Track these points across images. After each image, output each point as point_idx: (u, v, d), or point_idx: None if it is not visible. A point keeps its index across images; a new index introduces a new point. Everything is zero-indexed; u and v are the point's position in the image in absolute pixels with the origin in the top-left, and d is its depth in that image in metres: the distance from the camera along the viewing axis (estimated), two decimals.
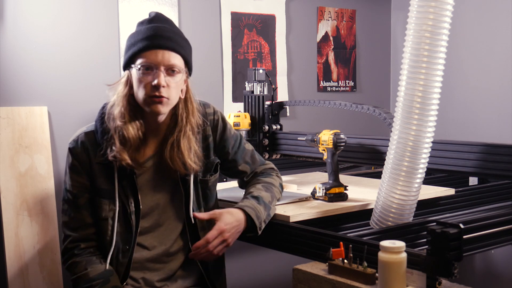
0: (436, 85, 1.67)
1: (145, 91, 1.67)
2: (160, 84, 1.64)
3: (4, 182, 2.33)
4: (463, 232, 1.38)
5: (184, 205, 1.80)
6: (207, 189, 1.86)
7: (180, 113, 1.75)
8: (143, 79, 1.67)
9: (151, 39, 1.67)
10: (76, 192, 1.74)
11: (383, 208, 1.79)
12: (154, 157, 1.77)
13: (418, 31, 1.65)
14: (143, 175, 1.76)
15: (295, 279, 1.55)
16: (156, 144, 1.78)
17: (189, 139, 1.74)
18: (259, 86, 2.62)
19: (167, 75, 1.67)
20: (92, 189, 1.75)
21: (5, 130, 2.35)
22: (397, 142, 1.73)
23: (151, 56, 1.66)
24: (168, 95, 1.67)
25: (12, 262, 2.33)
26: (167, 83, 1.66)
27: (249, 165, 1.94)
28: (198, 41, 2.90)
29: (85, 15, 2.57)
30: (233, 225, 1.71)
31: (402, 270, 1.35)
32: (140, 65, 1.66)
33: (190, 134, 1.75)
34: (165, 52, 1.67)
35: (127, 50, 1.71)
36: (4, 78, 2.38)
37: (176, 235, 1.81)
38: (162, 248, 1.79)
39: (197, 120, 1.78)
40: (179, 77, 1.70)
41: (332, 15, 3.44)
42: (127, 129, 1.68)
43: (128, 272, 1.74)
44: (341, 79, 3.50)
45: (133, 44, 1.69)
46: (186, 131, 1.74)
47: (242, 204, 1.77)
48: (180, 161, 1.73)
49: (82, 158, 1.74)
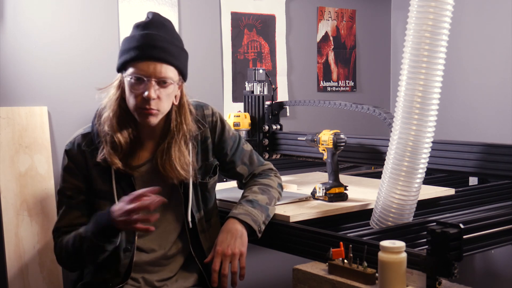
0: (436, 85, 1.67)
1: (135, 102, 1.65)
2: (151, 97, 1.61)
3: (4, 182, 2.33)
4: (463, 232, 1.39)
5: (184, 208, 1.79)
6: (206, 192, 1.85)
7: (173, 119, 1.72)
8: (133, 89, 1.64)
9: (143, 49, 1.62)
10: (69, 194, 1.73)
11: (383, 208, 1.79)
12: (151, 160, 1.75)
13: (418, 31, 1.65)
14: (141, 177, 1.75)
15: (295, 279, 1.55)
16: (153, 146, 1.76)
17: (180, 147, 1.72)
18: (259, 86, 2.62)
19: (158, 87, 1.64)
20: (90, 191, 1.74)
21: (5, 130, 2.34)
22: (397, 142, 1.73)
23: (143, 67, 1.62)
24: (159, 107, 1.65)
25: (12, 262, 2.33)
26: (158, 95, 1.63)
27: (247, 167, 1.93)
28: (198, 41, 2.90)
29: (85, 15, 2.57)
30: (229, 238, 1.70)
31: (402, 270, 1.35)
32: (131, 74, 1.64)
33: (182, 142, 1.73)
34: (157, 64, 1.62)
35: (120, 55, 1.68)
36: (4, 78, 2.38)
37: (175, 238, 1.80)
38: (161, 252, 1.78)
39: (190, 127, 1.75)
40: (171, 88, 1.67)
41: (332, 15, 3.44)
42: (116, 134, 1.67)
43: (129, 273, 1.74)
44: (341, 79, 3.50)
45: (126, 51, 1.65)
46: (177, 140, 1.72)
47: (235, 213, 1.75)
48: (171, 169, 1.71)
49: (78, 160, 1.72)
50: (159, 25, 1.68)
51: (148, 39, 1.63)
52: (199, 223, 1.80)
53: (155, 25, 1.67)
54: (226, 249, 1.68)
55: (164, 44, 1.64)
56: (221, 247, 1.68)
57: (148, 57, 1.62)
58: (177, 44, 1.70)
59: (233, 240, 1.69)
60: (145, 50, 1.62)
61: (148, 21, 1.68)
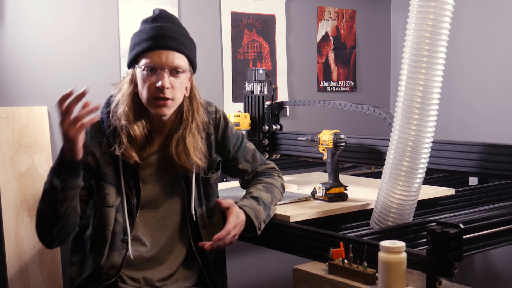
0: (436, 85, 1.67)
1: (149, 92, 1.67)
2: (165, 86, 1.65)
3: (4, 182, 2.33)
4: (463, 232, 1.39)
5: (186, 202, 1.80)
6: (208, 187, 1.86)
7: (186, 110, 1.76)
8: (147, 80, 1.67)
9: (155, 39, 1.67)
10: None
11: (383, 208, 1.79)
12: (157, 153, 1.77)
13: (418, 31, 1.65)
14: (146, 169, 1.76)
15: (295, 279, 1.55)
16: (161, 141, 1.78)
17: (194, 136, 1.75)
18: (259, 86, 2.62)
19: (171, 76, 1.67)
20: (97, 173, 1.72)
21: (5, 130, 2.35)
22: (397, 142, 1.73)
23: (155, 57, 1.66)
24: (173, 96, 1.68)
25: (12, 262, 2.33)
26: (172, 84, 1.67)
27: (250, 164, 1.94)
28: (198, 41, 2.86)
29: (85, 15, 2.57)
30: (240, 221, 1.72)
31: (402, 270, 1.35)
32: (144, 65, 1.67)
33: (196, 132, 1.76)
34: (169, 53, 1.67)
35: (131, 49, 1.72)
36: (4, 78, 2.38)
37: (176, 232, 1.81)
38: (161, 246, 1.78)
39: (202, 117, 1.79)
40: (183, 77, 1.71)
41: (332, 15, 3.44)
42: (133, 128, 1.69)
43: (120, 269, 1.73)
44: (341, 79, 3.50)
45: (137, 43, 1.69)
46: (192, 128, 1.75)
47: (242, 204, 1.77)
48: (186, 158, 1.73)
49: (87, 141, 1.71)
50: (167, 18, 1.73)
51: (158, 30, 1.68)
52: (200, 218, 1.81)
53: (163, 18, 1.72)
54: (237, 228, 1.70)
55: (174, 34, 1.69)
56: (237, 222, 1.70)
57: (160, 46, 1.66)
58: (186, 34, 1.75)
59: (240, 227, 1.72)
60: (157, 40, 1.66)
61: (156, 16, 1.72)
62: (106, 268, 1.72)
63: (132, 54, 1.71)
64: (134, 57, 1.70)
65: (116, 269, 1.72)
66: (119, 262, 1.73)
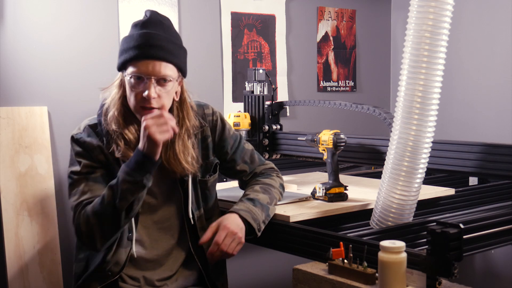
0: (436, 85, 1.67)
1: (136, 100, 1.66)
2: (151, 96, 1.63)
3: (4, 182, 2.33)
4: (463, 232, 1.39)
5: (183, 205, 1.80)
6: (206, 190, 1.85)
7: (175, 115, 1.74)
8: (133, 89, 1.66)
9: (142, 48, 1.64)
10: (86, 171, 1.70)
11: (383, 208, 1.79)
12: None
13: (418, 31, 1.65)
14: None
15: (295, 279, 1.55)
16: None
17: (183, 141, 1.74)
18: (259, 86, 2.62)
19: (158, 85, 1.65)
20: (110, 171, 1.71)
21: (5, 130, 2.35)
22: (397, 142, 1.73)
23: (142, 66, 1.64)
24: (160, 105, 1.66)
25: (12, 262, 2.33)
26: (158, 93, 1.65)
27: (248, 165, 1.94)
28: (198, 41, 2.90)
29: (85, 15, 2.57)
30: (235, 225, 1.71)
31: (402, 270, 1.35)
32: (131, 74, 1.65)
33: (185, 137, 1.75)
34: (156, 63, 1.64)
35: (120, 54, 1.70)
36: (4, 78, 2.38)
37: (175, 235, 1.81)
38: (160, 249, 1.78)
39: (193, 122, 1.78)
40: (171, 86, 1.69)
41: (332, 15, 3.44)
42: (125, 132, 1.69)
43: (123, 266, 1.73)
44: (341, 79, 3.50)
45: (125, 50, 1.67)
46: (181, 134, 1.74)
47: (237, 208, 1.76)
48: (175, 163, 1.72)
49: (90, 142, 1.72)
50: (157, 23, 1.69)
51: (146, 38, 1.64)
52: (198, 221, 1.80)
53: (153, 24, 1.68)
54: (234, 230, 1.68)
55: (162, 43, 1.65)
56: (229, 226, 1.68)
57: (147, 56, 1.64)
58: (175, 41, 1.71)
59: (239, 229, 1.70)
60: (143, 49, 1.64)
61: (146, 20, 1.69)
62: (111, 264, 1.72)
63: (120, 60, 1.69)
64: (122, 63, 1.68)
65: (119, 266, 1.73)
66: (123, 259, 1.73)
